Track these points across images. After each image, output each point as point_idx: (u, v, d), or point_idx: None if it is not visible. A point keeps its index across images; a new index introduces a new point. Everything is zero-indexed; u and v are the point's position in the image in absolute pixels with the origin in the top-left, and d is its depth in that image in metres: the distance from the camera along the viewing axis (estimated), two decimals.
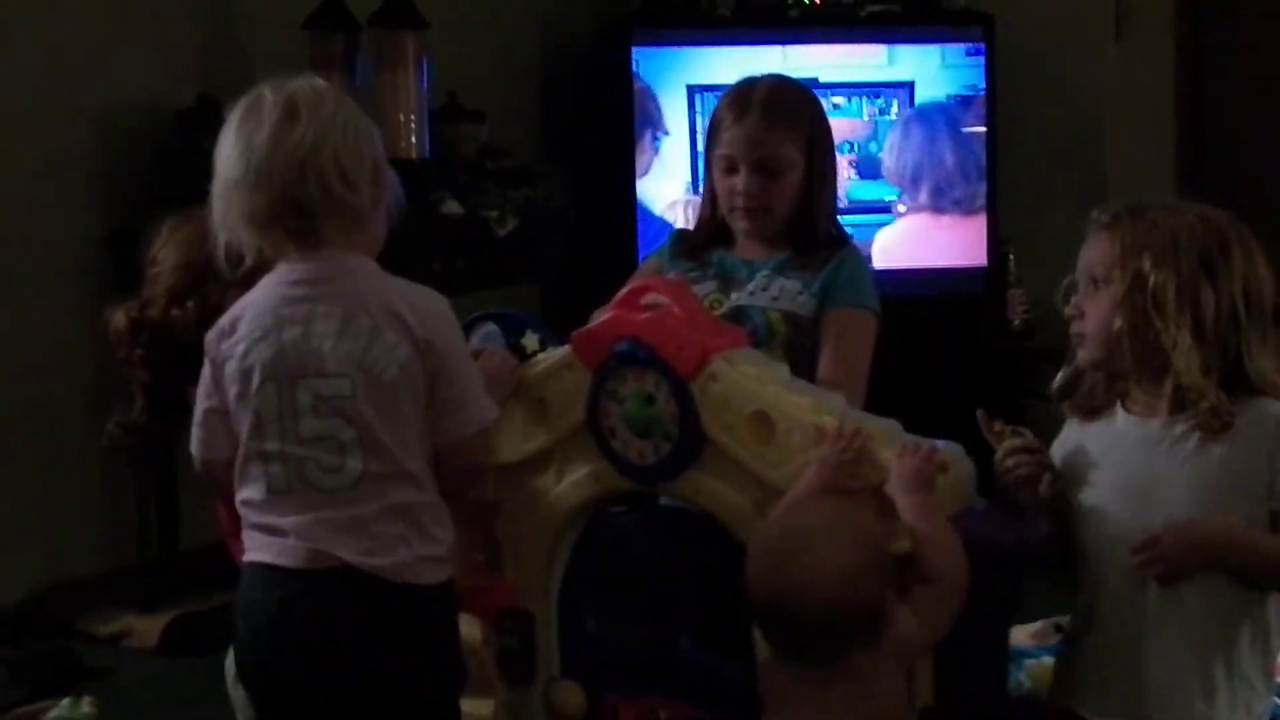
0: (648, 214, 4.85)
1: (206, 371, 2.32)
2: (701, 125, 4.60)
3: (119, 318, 2.46)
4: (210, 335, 2.32)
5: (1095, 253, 2.41)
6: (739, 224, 2.93)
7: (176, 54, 4.13)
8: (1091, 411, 2.45)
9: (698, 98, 4.81)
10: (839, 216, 3.06)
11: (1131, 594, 2.35)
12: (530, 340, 2.59)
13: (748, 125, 2.90)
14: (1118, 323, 2.36)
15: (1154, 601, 2.34)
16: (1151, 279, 2.34)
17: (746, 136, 2.90)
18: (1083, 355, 2.44)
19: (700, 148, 3.95)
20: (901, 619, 2.12)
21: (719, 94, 3.08)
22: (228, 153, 2.28)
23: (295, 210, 2.26)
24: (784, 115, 2.91)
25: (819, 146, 2.94)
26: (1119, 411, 2.43)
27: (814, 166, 2.92)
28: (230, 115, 2.31)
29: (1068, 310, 2.45)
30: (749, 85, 2.99)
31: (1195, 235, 2.36)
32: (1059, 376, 2.50)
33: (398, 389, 2.24)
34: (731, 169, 2.91)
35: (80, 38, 3.90)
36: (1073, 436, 2.47)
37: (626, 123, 4.82)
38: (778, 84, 3.01)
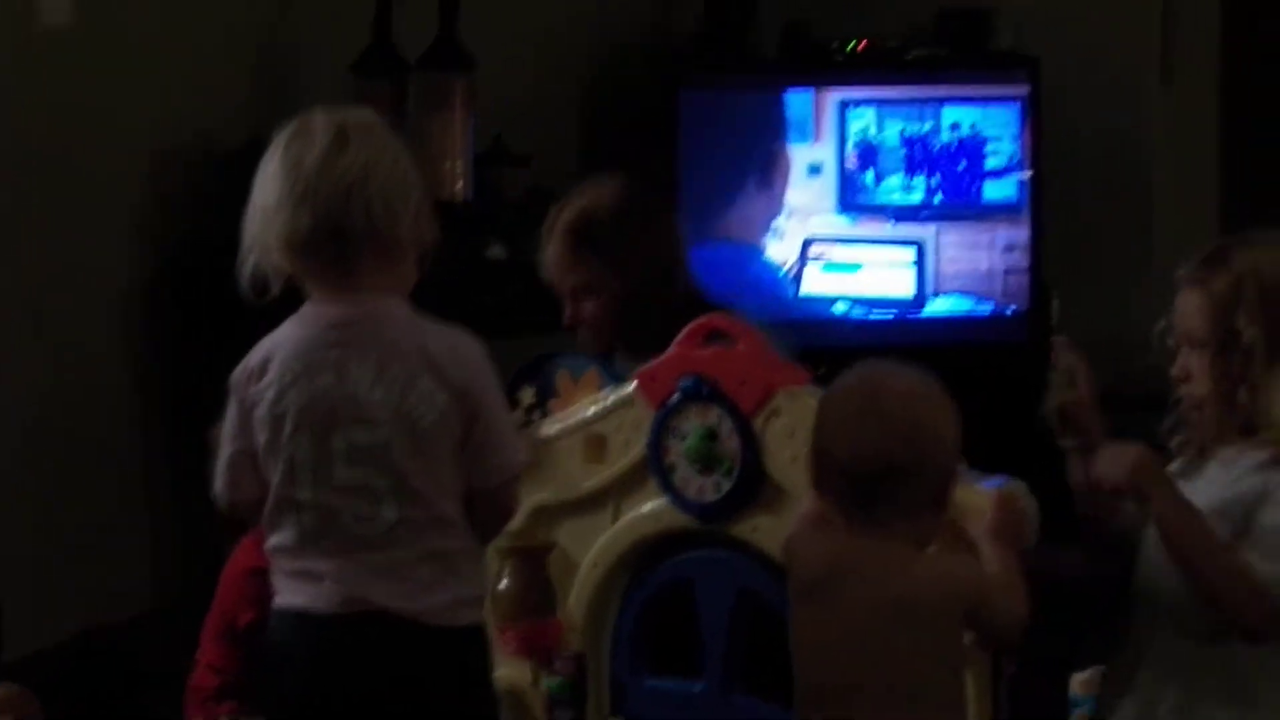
0: None
1: (233, 413, 2.30)
2: None
3: None
4: (237, 376, 2.29)
5: (1190, 312, 2.32)
6: None
7: (223, 96, 4.14)
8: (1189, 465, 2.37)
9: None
10: None
11: (1173, 646, 2.31)
12: (526, 393, 2.57)
13: (549, 252, 2.81)
14: (1207, 385, 2.29)
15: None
16: (1244, 337, 2.25)
17: (548, 263, 2.82)
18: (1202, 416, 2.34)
19: None
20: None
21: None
22: (272, 171, 2.25)
23: (336, 237, 2.23)
24: (582, 240, 2.79)
25: (636, 254, 2.79)
26: (1210, 464, 2.36)
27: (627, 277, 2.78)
28: (277, 137, 2.28)
29: (1175, 371, 2.35)
30: (564, 203, 2.86)
31: None
32: (1166, 421, 2.41)
33: (435, 435, 2.23)
34: None
35: (127, 78, 3.92)
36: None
37: (671, 165, 4.82)
38: (586, 206, 2.85)
